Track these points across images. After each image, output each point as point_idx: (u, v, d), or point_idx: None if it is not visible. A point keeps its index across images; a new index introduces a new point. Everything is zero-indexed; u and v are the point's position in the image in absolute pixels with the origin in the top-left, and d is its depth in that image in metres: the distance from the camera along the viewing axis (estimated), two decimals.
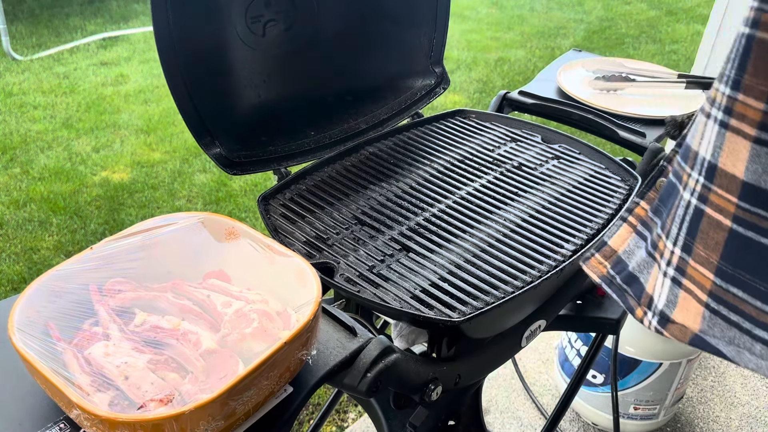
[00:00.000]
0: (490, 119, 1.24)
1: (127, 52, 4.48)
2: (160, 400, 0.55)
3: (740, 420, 1.94)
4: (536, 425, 1.91)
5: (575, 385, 1.30)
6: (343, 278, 0.84)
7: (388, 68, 1.21)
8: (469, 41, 4.90)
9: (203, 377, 0.59)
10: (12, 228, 2.67)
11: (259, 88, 1.01)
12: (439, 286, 0.82)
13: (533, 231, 0.93)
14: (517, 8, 5.75)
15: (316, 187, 1.03)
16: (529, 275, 0.84)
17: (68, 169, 3.09)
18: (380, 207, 0.98)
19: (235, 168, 0.98)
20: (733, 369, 2.12)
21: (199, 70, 0.91)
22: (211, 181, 3.04)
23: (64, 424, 0.58)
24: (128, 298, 0.67)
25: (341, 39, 1.09)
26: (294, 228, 0.94)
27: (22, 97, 3.76)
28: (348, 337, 0.70)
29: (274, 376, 0.59)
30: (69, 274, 0.65)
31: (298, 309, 0.65)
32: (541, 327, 0.99)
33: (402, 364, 0.73)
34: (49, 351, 0.58)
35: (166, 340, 0.62)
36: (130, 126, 3.51)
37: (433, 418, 0.96)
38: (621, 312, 1.11)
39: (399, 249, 0.89)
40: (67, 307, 0.64)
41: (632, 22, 5.30)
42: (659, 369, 1.67)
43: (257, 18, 0.94)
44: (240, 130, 1.01)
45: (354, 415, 1.92)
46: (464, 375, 0.88)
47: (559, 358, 1.92)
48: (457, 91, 4.07)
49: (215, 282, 0.70)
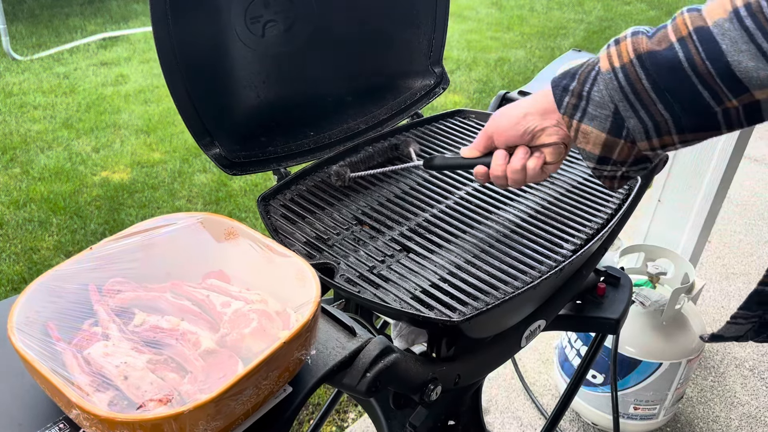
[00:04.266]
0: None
1: (127, 52, 4.48)
2: (159, 400, 0.55)
3: (740, 420, 1.94)
4: (536, 425, 1.91)
5: (575, 385, 1.30)
6: (343, 279, 0.84)
7: (387, 68, 1.21)
8: (469, 41, 4.90)
9: (202, 377, 0.59)
10: (12, 228, 2.67)
11: (258, 89, 1.01)
12: (438, 287, 0.82)
13: (533, 231, 0.93)
14: (517, 8, 5.75)
15: (316, 187, 1.03)
16: (528, 275, 0.84)
17: (68, 169, 3.09)
18: (380, 207, 0.98)
19: (234, 168, 0.98)
20: (733, 369, 2.12)
21: (198, 71, 0.90)
22: (211, 181, 3.04)
23: (63, 424, 0.58)
24: (127, 299, 0.67)
25: (340, 39, 1.09)
26: (294, 228, 0.94)
27: (22, 97, 3.76)
28: (347, 337, 0.71)
29: (273, 376, 0.59)
30: (68, 274, 0.65)
31: (298, 309, 0.65)
32: (541, 327, 0.99)
33: (401, 364, 0.73)
34: (49, 351, 0.58)
35: (166, 340, 0.62)
36: (130, 126, 3.51)
37: (432, 418, 0.96)
38: (621, 312, 1.11)
39: (399, 249, 0.89)
40: (66, 308, 0.64)
41: (632, 22, 5.30)
42: (659, 369, 1.67)
43: (257, 18, 0.94)
44: (239, 131, 1.01)
45: (354, 415, 1.92)
46: (464, 375, 0.88)
47: (558, 358, 1.92)
48: (457, 91, 4.07)
49: (215, 282, 0.70)
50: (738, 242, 2.74)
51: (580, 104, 0.70)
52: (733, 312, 0.80)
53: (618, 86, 0.66)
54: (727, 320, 0.82)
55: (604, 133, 0.69)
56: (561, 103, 0.72)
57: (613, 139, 0.69)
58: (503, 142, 0.81)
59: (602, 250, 1.03)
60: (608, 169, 0.73)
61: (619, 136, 0.69)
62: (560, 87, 0.73)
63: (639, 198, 1.00)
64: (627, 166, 0.71)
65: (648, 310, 1.68)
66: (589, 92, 0.69)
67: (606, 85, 0.67)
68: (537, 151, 0.79)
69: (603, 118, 0.69)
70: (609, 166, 0.72)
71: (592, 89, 0.69)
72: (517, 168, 0.79)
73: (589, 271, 1.07)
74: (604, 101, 0.68)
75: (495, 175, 0.82)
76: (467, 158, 0.86)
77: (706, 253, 2.55)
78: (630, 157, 0.70)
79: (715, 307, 2.37)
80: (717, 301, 2.40)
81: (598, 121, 0.69)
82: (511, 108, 0.79)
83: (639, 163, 0.71)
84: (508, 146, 0.81)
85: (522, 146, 0.80)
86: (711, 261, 2.60)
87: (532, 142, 0.78)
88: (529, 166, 0.79)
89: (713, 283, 2.48)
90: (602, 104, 0.68)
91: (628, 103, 0.66)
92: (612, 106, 0.67)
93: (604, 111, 0.68)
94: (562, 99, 0.72)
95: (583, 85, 0.70)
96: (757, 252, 2.67)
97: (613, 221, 0.95)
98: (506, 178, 0.81)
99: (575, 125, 0.72)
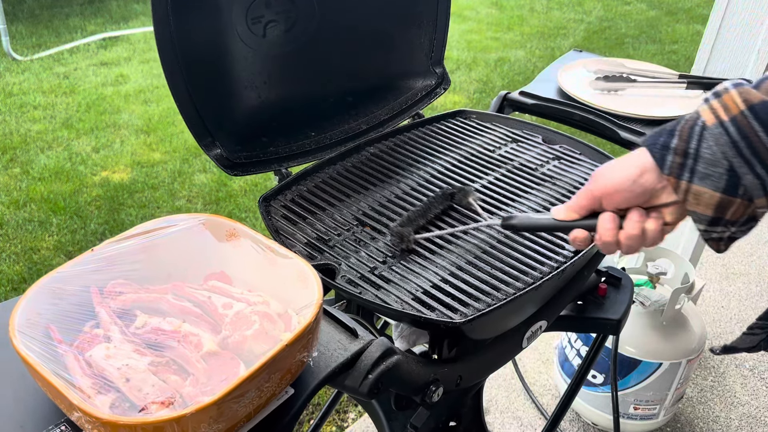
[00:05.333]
0: (491, 120, 1.23)
1: (127, 52, 4.48)
2: (161, 402, 0.55)
3: (740, 420, 1.94)
4: (536, 425, 1.91)
5: (575, 385, 1.30)
6: (344, 280, 0.84)
7: (388, 69, 1.21)
8: (469, 41, 4.89)
9: (204, 379, 0.59)
10: (12, 228, 2.67)
11: (259, 89, 1.01)
12: (440, 288, 0.82)
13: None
14: (517, 8, 5.74)
15: (317, 187, 1.03)
16: (530, 276, 0.84)
17: (68, 169, 3.09)
18: (381, 208, 0.98)
19: (235, 169, 0.98)
20: (733, 369, 2.12)
21: (199, 71, 0.90)
22: (211, 182, 3.04)
23: (65, 426, 0.58)
24: (129, 300, 0.66)
25: (342, 40, 1.09)
26: (295, 229, 0.94)
27: (22, 97, 3.75)
28: (349, 338, 0.70)
29: (275, 378, 0.59)
30: (70, 276, 0.65)
31: (300, 311, 0.65)
32: (542, 328, 0.98)
33: (403, 366, 0.73)
34: (50, 353, 0.58)
35: (167, 342, 0.62)
36: (130, 126, 3.51)
37: (434, 419, 0.96)
38: (622, 312, 1.11)
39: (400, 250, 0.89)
40: (68, 310, 0.64)
41: (632, 23, 5.30)
42: (659, 369, 1.67)
43: (258, 19, 0.94)
44: (240, 131, 1.01)
45: (354, 415, 1.92)
46: (465, 376, 0.88)
47: (559, 358, 1.92)
48: (458, 91, 4.07)
49: (216, 284, 0.70)
50: (738, 242, 2.74)
51: (687, 163, 0.65)
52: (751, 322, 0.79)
53: (730, 141, 0.62)
54: (743, 331, 0.80)
55: (718, 192, 0.64)
56: (664, 163, 0.66)
57: (728, 198, 0.64)
58: (614, 204, 0.72)
59: None
60: (719, 231, 0.68)
61: (734, 194, 0.64)
62: (658, 145, 0.67)
63: None
64: (738, 226, 0.67)
65: (648, 310, 1.68)
66: (698, 149, 0.64)
67: (716, 141, 0.63)
68: (654, 212, 0.71)
69: (717, 177, 0.63)
70: (720, 227, 0.67)
71: (700, 146, 0.64)
72: (635, 234, 0.71)
73: (591, 271, 1.07)
74: (716, 158, 0.63)
75: (605, 242, 0.73)
76: (563, 221, 0.76)
77: (706, 253, 2.55)
78: (744, 215, 0.66)
79: (715, 307, 2.37)
80: (717, 301, 2.40)
81: (711, 180, 0.64)
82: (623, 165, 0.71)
83: (749, 222, 0.67)
84: (619, 209, 0.72)
85: (636, 208, 0.71)
86: (711, 261, 2.60)
87: (649, 202, 0.71)
88: (649, 229, 0.71)
89: (713, 283, 2.48)
90: (714, 162, 0.63)
91: (743, 159, 0.62)
92: (726, 162, 0.63)
93: (717, 169, 0.63)
94: (664, 158, 0.66)
95: (687, 142, 0.65)
96: (757, 252, 2.67)
97: None
98: (618, 244, 0.73)
99: (684, 186, 0.66)
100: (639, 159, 0.69)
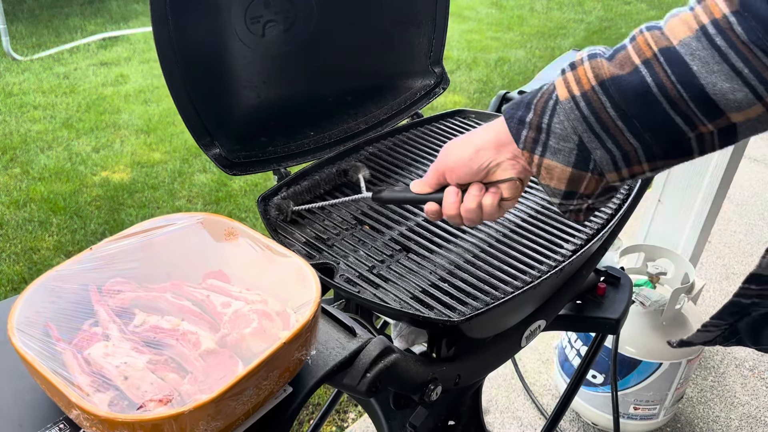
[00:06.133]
0: (490, 119, 1.23)
1: (127, 52, 4.48)
2: (159, 400, 0.55)
3: (740, 420, 1.94)
4: (536, 425, 1.91)
5: (575, 385, 1.30)
6: (343, 279, 0.84)
7: (387, 68, 1.21)
8: (469, 41, 4.90)
9: (203, 377, 0.59)
10: (12, 228, 2.67)
11: (258, 89, 1.01)
12: (438, 287, 0.82)
13: (533, 231, 0.93)
14: (517, 8, 5.75)
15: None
16: (528, 275, 0.84)
17: (68, 169, 3.09)
18: (380, 208, 0.98)
19: (234, 168, 0.98)
20: (733, 369, 2.12)
21: (198, 71, 0.90)
22: (211, 181, 3.04)
23: (63, 424, 0.58)
24: (128, 299, 0.67)
25: (340, 39, 1.09)
26: (294, 228, 0.94)
27: (22, 97, 3.76)
28: (348, 337, 0.71)
29: (273, 377, 0.59)
30: (69, 274, 0.65)
31: (298, 309, 0.65)
32: (541, 327, 0.99)
33: (402, 365, 0.73)
34: (49, 351, 0.58)
35: (166, 341, 0.62)
36: (130, 126, 3.51)
37: (432, 418, 0.96)
38: (621, 312, 1.11)
39: (399, 249, 0.89)
40: (66, 308, 0.64)
41: (632, 22, 5.30)
42: (659, 369, 1.67)
43: (257, 18, 0.94)
44: (239, 131, 1.01)
45: (354, 415, 1.92)
46: (464, 375, 0.88)
47: (559, 358, 1.92)
48: (457, 91, 4.07)
49: (215, 282, 0.70)
50: (738, 242, 2.74)
51: (540, 137, 0.65)
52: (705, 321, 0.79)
53: (581, 116, 0.61)
54: (698, 328, 0.80)
55: (569, 167, 0.64)
56: (519, 137, 0.67)
57: (579, 172, 0.64)
58: (455, 179, 0.75)
59: (602, 250, 1.03)
60: (574, 204, 0.68)
61: (585, 169, 0.64)
62: (515, 119, 0.67)
63: (639, 198, 1.00)
64: (594, 198, 0.67)
65: (648, 310, 1.68)
66: (549, 124, 0.64)
67: (567, 116, 0.62)
68: (492, 187, 0.73)
69: (567, 152, 0.64)
70: (575, 200, 0.67)
71: (552, 120, 0.64)
72: (472, 207, 0.74)
73: (590, 271, 1.07)
74: (566, 133, 0.63)
75: (448, 214, 0.76)
76: (417, 194, 0.79)
77: (706, 253, 2.55)
78: (597, 189, 0.66)
79: (715, 307, 2.36)
80: (717, 301, 2.40)
81: (562, 155, 0.64)
82: (462, 142, 0.73)
83: (606, 194, 0.67)
84: (461, 183, 0.75)
85: (475, 183, 0.74)
86: (711, 261, 2.60)
87: (487, 178, 0.73)
88: (485, 204, 0.74)
89: (713, 283, 2.48)
90: (565, 137, 0.63)
91: (593, 134, 0.61)
92: (576, 138, 0.62)
93: (567, 144, 0.63)
94: (519, 132, 0.67)
95: (541, 116, 0.65)
96: (757, 252, 2.67)
97: (613, 221, 0.95)
98: (460, 217, 0.76)
99: (537, 160, 0.66)
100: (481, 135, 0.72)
